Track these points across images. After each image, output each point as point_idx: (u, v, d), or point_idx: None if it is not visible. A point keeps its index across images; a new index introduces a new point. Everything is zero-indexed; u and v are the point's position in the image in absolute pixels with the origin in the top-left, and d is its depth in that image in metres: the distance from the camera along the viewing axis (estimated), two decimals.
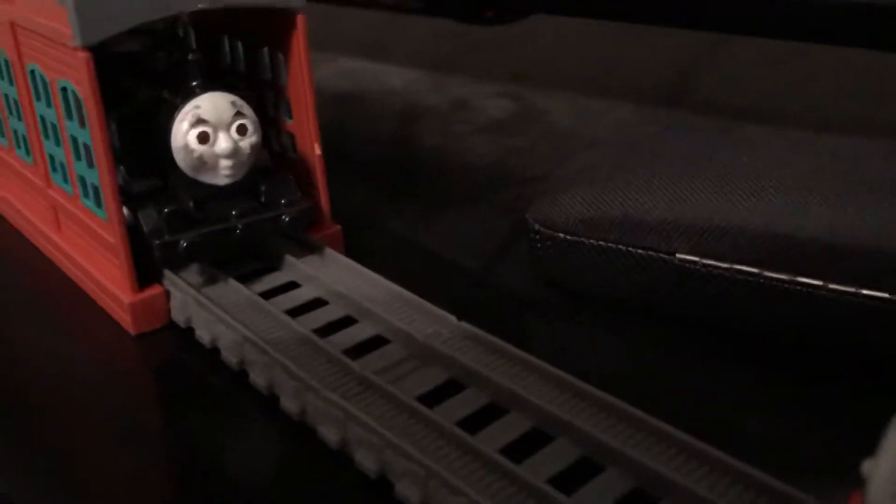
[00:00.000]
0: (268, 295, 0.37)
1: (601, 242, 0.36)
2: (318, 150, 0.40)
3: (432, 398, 0.30)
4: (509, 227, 0.45)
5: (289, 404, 0.31)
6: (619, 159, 0.40)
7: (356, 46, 0.85)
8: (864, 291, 0.31)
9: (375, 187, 0.53)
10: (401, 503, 0.26)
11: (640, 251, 0.35)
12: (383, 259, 0.41)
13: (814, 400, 0.31)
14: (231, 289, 0.37)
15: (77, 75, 0.34)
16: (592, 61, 0.77)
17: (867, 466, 0.16)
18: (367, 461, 0.27)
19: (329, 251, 0.40)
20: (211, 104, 0.35)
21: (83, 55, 0.33)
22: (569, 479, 0.26)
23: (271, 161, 0.40)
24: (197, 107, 0.35)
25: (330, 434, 0.29)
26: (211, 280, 0.37)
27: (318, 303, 0.37)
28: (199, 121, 0.35)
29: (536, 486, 0.25)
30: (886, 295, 0.31)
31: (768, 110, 0.60)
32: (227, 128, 0.35)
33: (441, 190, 0.52)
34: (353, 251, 0.41)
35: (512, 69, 0.74)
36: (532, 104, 0.67)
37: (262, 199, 0.38)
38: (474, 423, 0.29)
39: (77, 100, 0.35)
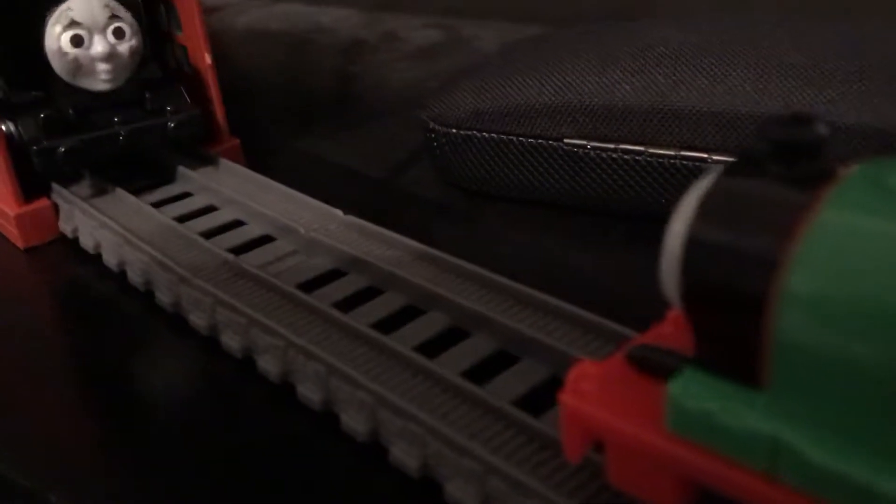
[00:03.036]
0: (159, 205, 0.36)
1: (492, 134, 0.35)
2: (208, 60, 0.39)
3: (312, 286, 0.29)
4: (419, 141, 0.45)
5: (163, 297, 0.30)
6: (508, 55, 0.39)
7: None
8: None
9: (292, 113, 0.52)
10: (263, 376, 0.26)
11: (530, 140, 0.35)
12: (287, 172, 0.40)
13: None
14: (119, 198, 0.36)
15: None
16: None
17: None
18: (232, 342, 0.27)
19: (225, 162, 0.39)
20: (84, 5, 0.34)
21: None
22: (436, 348, 0.25)
23: (161, 74, 0.39)
24: (69, 9, 0.34)
25: (199, 321, 0.28)
26: (100, 192, 0.37)
27: (209, 209, 0.36)
28: (72, 23, 0.34)
29: (397, 348, 0.24)
30: None
31: None
32: (103, 31, 0.34)
33: (357, 111, 0.51)
34: (258, 167, 0.40)
35: (446, 5, 0.73)
36: (460, 33, 0.66)
37: (148, 108, 0.37)
38: (352, 304, 0.28)
39: None
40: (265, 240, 0.33)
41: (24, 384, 0.28)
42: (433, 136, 0.37)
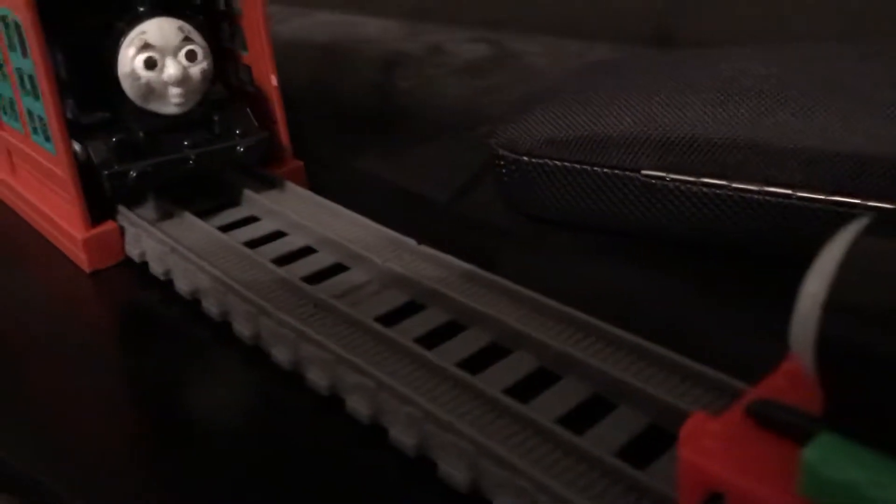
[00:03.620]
0: (226, 228, 0.36)
1: (566, 163, 0.35)
2: (274, 82, 0.39)
3: (391, 319, 0.29)
4: (479, 162, 0.44)
5: (242, 329, 0.30)
6: (583, 82, 0.39)
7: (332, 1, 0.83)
8: (833, 198, 0.30)
9: (346, 129, 0.52)
10: (353, 417, 0.25)
11: (605, 170, 0.34)
12: (349, 194, 0.39)
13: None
14: (186, 222, 0.36)
15: (14, 0, 0.32)
16: (571, 7, 0.76)
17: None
18: (319, 379, 0.27)
19: (290, 185, 0.39)
20: (158, 29, 0.34)
21: None
22: (527, 389, 0.25)
23: (227, 94, 0.39)
24: (143, 32, 0.34)
25: (282, 355, 0.28)
26: (166, 215, 0.36)
27: (277, 235, 0.36)
28: (146, 46, 0.34)
29: (490, 394, 0.24)
30: (858, 201, 0.30)
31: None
32: (175, 54, 0.34)
33: (412, 129, 0.51)
34: (320, 188, 0.40)
35: (488, 16, 0.73)
36: (507, 48, 0.66)
37: (217, 131, 0.36)
38: (434, 339, 0.28)
39: (17, 27, 0.33)
40: (338, 268, 0.33)
41: (81, 403, 0.28)
42: (502, 162, 0.37)
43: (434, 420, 0.23)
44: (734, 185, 0.31)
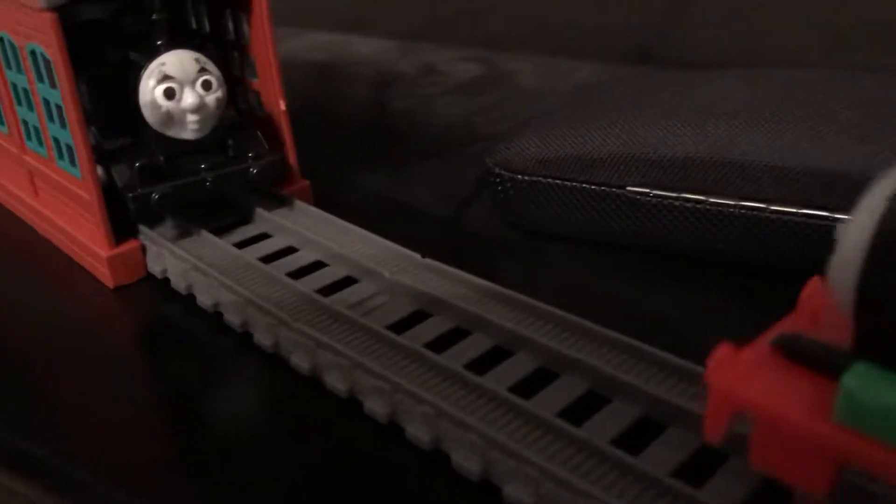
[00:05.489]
0: (241, 245, 0.38)
1: (557, 181, 0.38)
2: (283, 106, 0.41)
3: (401, 327, 0.32)
4: (476, 178, 0.47)
5: (262, 339, 0.32)
6: (572, 104, 0.42)
7: (326, 20, 0.86)
8: (804, 211, 0.33)
9: (347, 148, 0.55)
10: (370, 418, 0.28)
11: (593, 186, 0.37)
12: (353, 211, 0.42)
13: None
14: (204, 240, 0.38)
15: (45, 37, 0.35)
16: (560, 26, 0.78)
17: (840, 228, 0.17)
18: (337, 383, 0.29)
19: (299, 203, 0.41)
20: (176, 61, 0.37)
21: (49, 16, 0.34)
22: (528, 387, 0.27)
23: (239, 118, 0.42)
24: (163, 64, 0.36)
25: (302, 362, 0.30)
26: (185, 233, 0.39)
27: (289, 250, 0.38)
28: (165, 77, 0.36)
29: (498, 392, 0.27)
30: (827, 213, 0.33)
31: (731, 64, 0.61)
32: (193, 83, 0.37)
33: (410, 148, 0.53)
34: (325, 205, 0.42)
35: (480, 36, 0.76)
36: (499, 67, 0.68)
37: (231, 154, 0.39)
38: (441, 344, 0.30)
39: (46, 61, 0.36)
40: (348, 281, 0.35)
41: (109, 407, 0.31)
42: (497, 180, 0.39)
43: (447, 417, 0.26)
44: (712, 199, 0.34)
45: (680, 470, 0.24)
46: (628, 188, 0.36)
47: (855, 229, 0.17)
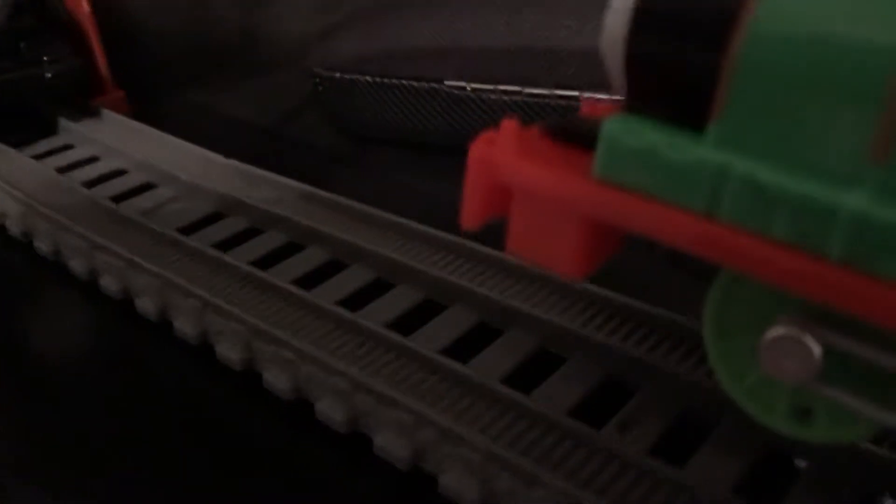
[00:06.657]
0: (40, 157, 0.36)
1: (375, 78, 0.36)
2: (86, 8, 0.38)
3: (192, 229, 0.30)
4: (311, 89, 0.45)
5: (42, 245, 0.30)
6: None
7: None
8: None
9: (181, 64, 0.51)
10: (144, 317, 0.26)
11: (411, 82, 0.35)
12: (177, 124, 0.39)
13: None
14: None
15: None
16: None
17: None
18: (111, 284, 0.27)
19: (108, 113, 0.38)
20: None
21: None
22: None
23: (38, 24, 0.38)
24: None
25: (79, 267, 0.28)
26: None
27: (91, 160, 0.36)
28: None
29: (279, 285, 0.25)
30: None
31: None
32: None
33: (248, 63, 0.51)
34: (146, 118, 0.40)
35: None
36: None
37: (24, 59, 0.36)
38: (230, 244, 0.29)
39: None
40: (147, 187, 0.33)
41: None
42: (318, 81, 0.38)
43: (214, 309, 0.24)
44: (527, 90, 0.33)
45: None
46: (446, 82, 0.35)
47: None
